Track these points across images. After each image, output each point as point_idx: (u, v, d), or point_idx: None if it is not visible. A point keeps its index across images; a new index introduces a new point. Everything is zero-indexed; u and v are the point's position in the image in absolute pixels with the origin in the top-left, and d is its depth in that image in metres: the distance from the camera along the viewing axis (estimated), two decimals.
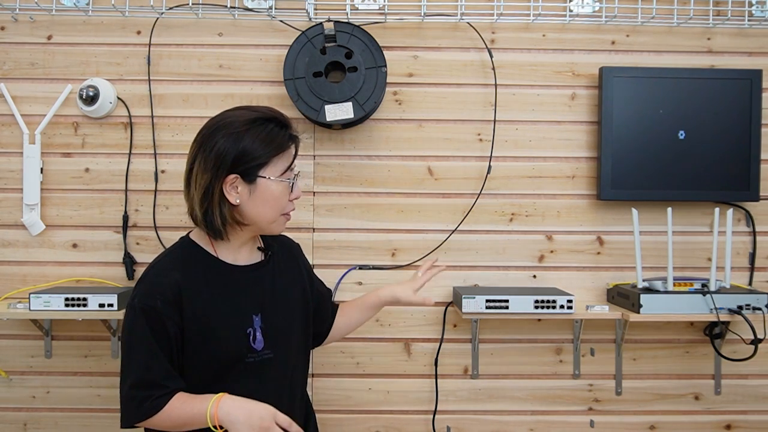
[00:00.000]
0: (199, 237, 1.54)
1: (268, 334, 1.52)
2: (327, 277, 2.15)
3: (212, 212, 1.46)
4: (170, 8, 2.13)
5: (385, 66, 2.06)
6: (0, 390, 2.16)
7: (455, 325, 2.19)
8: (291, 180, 1.50)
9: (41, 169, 2.13)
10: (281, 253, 1.64)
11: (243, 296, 1.51)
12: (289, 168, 1.50)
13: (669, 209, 2.04)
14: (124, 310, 1.91)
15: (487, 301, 1.96)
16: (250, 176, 1.45)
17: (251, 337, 1.50)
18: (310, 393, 2.15)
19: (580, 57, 2.19)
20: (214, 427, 1.38)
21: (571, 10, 2.17)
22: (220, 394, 1.42)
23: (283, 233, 1.65)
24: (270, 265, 1.59)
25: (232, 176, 1.44)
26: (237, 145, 1.43)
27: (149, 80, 2.15)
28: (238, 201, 1.45)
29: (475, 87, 2.18)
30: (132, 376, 1.41)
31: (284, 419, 1.41)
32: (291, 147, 1.51)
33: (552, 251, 2.20)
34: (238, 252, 1.54)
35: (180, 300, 1.43)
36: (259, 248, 1.60)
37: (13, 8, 2.12)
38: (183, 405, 1.41)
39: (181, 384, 1.44)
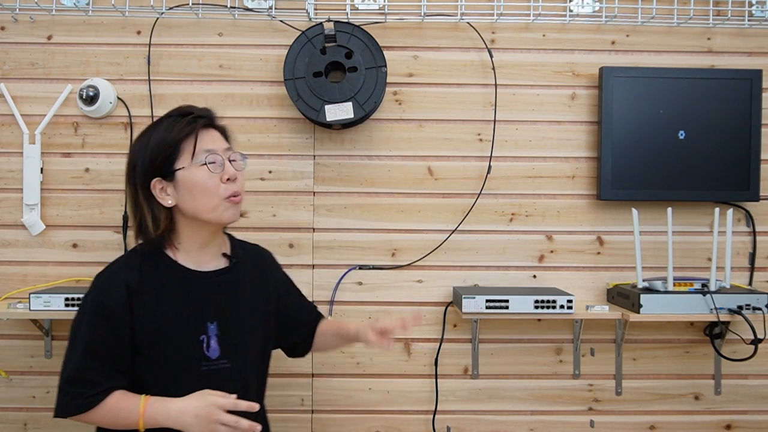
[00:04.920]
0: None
1: (225, 343, 1.48)
2: (327, 277, 2.15)
3: (145, 225, 1.46)
4: (170, 8, 2.13)
5: (385, 66, 2.06)
6: (0, 390, 2.16)
7: (455, 325, 2.19)
8: (203, 161, 1.43)
9: (41, 169, 2.13)
10: (247, 261, 1.60)
11: (199, 302, 1.48)
12: (207, 151, 1.44)
13: (669, 209, 2.04)
14: None
15: (487, 301, 1.96)
16: (168, 173, 1.44)
17: (204, 345, 1.46)
18: (310, 393, 2.16)
19: (580, 57, 2.19)
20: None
21: (571, 10, 2.17)
22: (145, 396, 1.40)
23: (256, 243, 1.66)
24: (233, 273, 1.54)
25: (155, 180, 1.45)
26: (145, 150, 1.45)
27: (149, 80, 2.15)
28: (170, 202, 1.45)
29: (475, 87, 2.18)
30: (68, 371, 1.43)
31: (225, 403, 1.35)
32: (197, 129, 1.45)
33: (552, 251, 2.20)
34: (199, 257, 1.51)
35: (132, 300, 1.43)
36: (223, 254, 1.55)
37: (13, 8, 2.12)
38: (117, 404, 1.40)
39: (121, 383, 1.43)
